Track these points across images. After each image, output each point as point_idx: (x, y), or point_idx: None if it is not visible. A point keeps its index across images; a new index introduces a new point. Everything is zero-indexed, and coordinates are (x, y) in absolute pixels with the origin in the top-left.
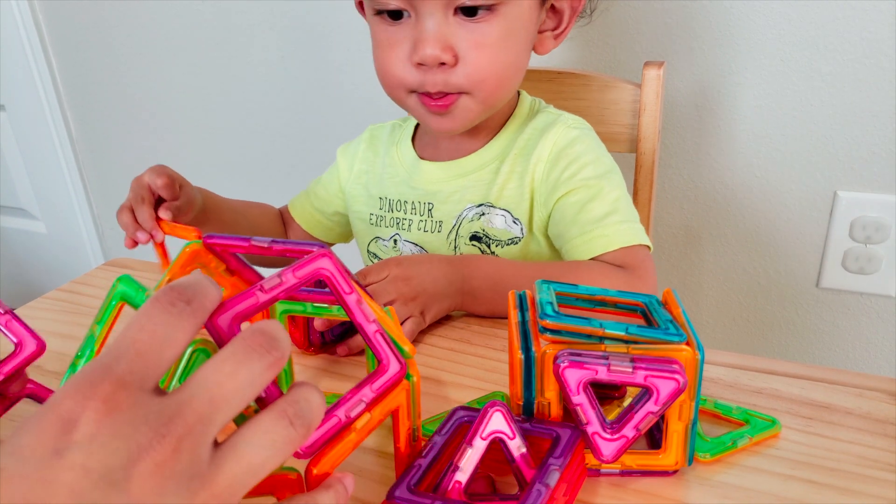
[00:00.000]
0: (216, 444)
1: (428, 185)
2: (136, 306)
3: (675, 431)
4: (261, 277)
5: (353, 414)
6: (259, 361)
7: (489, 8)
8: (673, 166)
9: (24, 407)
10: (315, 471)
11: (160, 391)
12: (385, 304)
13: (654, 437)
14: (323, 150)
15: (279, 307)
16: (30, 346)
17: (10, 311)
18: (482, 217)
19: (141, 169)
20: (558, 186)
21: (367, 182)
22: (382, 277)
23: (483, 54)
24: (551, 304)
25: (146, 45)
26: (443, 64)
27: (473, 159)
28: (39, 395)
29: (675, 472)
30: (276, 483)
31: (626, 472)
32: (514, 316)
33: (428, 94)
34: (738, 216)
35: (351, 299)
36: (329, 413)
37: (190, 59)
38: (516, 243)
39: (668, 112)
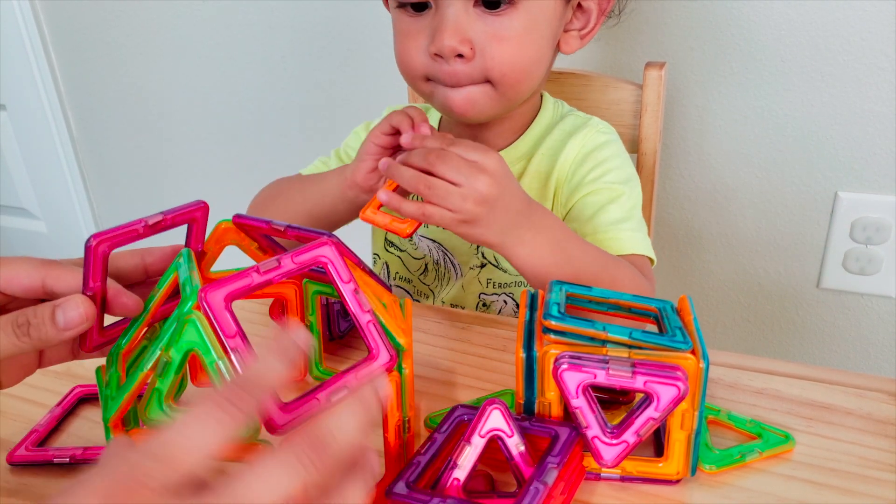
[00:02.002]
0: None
1: None
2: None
3: (678, 440)
4: None
5: (333, 399)
6: (221, 425)
7: (510, 1)
8: (674, 166)
9: None
10: None
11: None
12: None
13: (662, 445)
14: (323, 149)
15: (311, 287)
16: None
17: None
18: None
19: (141, 169)
20: (581, 186)
21: None
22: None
23: (503, 48)
24: (558, 305)
25: (146, 45)
26: (460, 56)
27: None
28: None
29: (677, 481)
30: (246, 453)
31: (627, 479)
32: (522, 315)
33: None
34: (739, 216)
35: (347, 288)
36: (310, 395)
37: (190, 59)
38: None
39: (669, 112)
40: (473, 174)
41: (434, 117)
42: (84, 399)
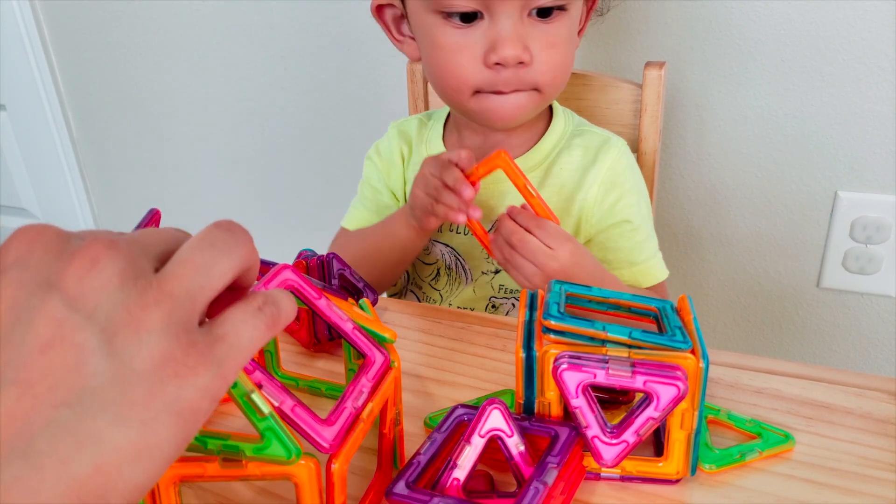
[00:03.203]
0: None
1: None
2: None
3: (677, 440)
4: None
5: (358, 403)
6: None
7: (561, 8)
8: (674, 166)
9: None
10: (336, 465)
11: None
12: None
13: (662, 445)
14: (323, 149)
15: None
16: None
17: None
18: None
19: (141, 169)
20: (612, 213)
21: (396, 178)
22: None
23: (555, 54)
24: (558, 304)
25: (146, 45)
26: (520, 63)
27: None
28: None
29: (677, 481)
30: (294, 472)
31: (627, 478)
32: (522, 315)
33: (498, 91)
34: (739, 216)
35: (322, 304)
36: (340, 407)
37: (190, 59)
38: None
39: (669, 112)
40: (547, 261)
41: (437, 125)
42: None
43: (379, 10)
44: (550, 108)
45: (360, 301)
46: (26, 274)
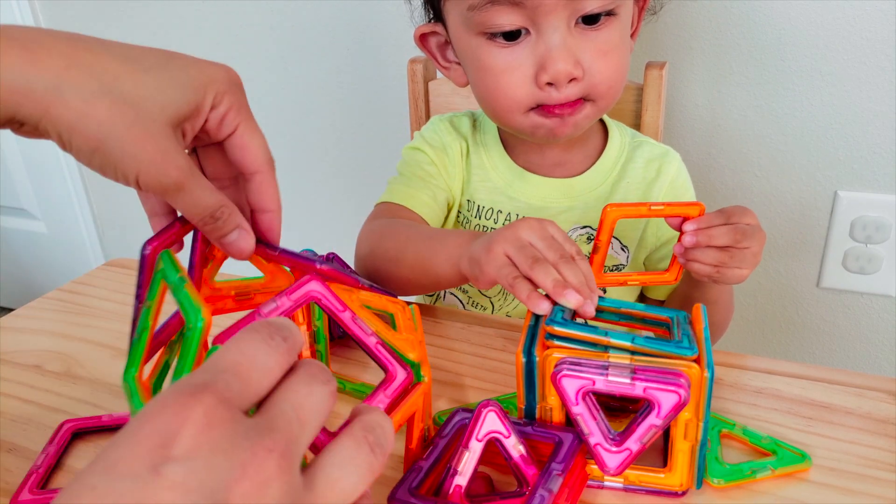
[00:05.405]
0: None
1: (533, 199)
2: (170, 284)
3: (681, 451)
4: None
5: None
6: (322, 387)
7: (609, 13)
8: None
9: None
10: None
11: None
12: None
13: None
14: (323, 149)
15: None
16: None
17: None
18: (590, 241)
19: None
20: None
21: (455, 175)
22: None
23: (608, 62)
24: (563, 311)
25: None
26: (573, 79)
27: (583, 181)
28: None
29: (682, 493)
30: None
31: (630, 489)
32: (528, 320)
33: (554, 107)
34: None
35: (346, 316)
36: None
37: None
38: (619, 269)
39: (669, 112)
40: (757, 235)
41: (491, 133)
42: (77, 434)
43: (423, 39)
44: (601, 120)
45: (411, 306)
46: (193, 478)
